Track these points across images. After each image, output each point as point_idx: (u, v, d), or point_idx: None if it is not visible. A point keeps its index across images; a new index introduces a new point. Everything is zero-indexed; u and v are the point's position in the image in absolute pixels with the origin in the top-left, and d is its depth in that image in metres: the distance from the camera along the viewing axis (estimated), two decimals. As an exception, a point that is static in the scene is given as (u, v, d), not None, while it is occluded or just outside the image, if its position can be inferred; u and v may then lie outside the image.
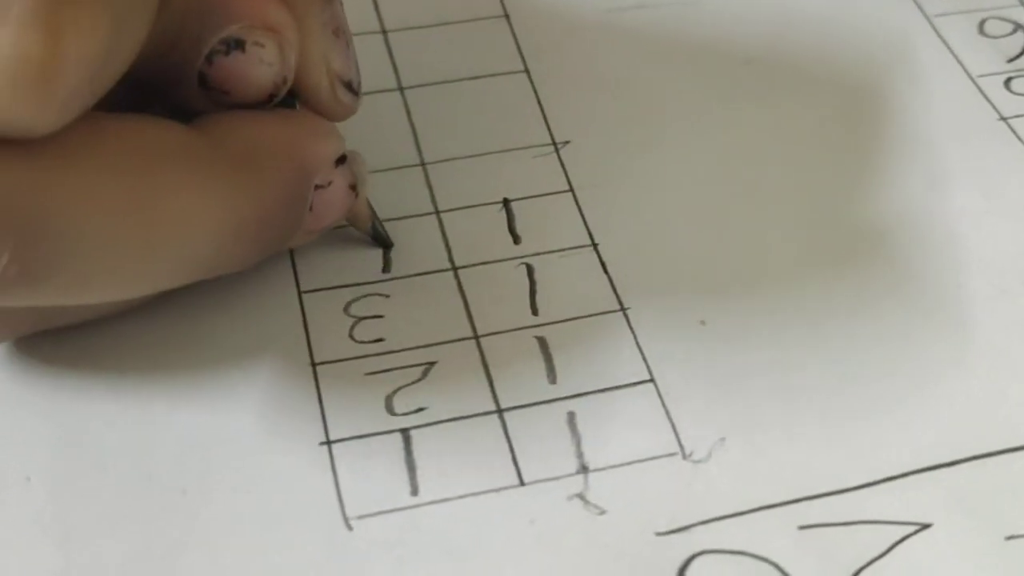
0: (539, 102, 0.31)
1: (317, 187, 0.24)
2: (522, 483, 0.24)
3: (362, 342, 0.26)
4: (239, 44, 0.22)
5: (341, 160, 0.25)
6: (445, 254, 0.27)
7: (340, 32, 0.25)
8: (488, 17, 0.33)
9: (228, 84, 0.23)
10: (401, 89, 0.31)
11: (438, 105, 0.30)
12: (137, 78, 0.21)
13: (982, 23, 0.33)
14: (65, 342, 0.25)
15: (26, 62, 0.18)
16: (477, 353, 0.26)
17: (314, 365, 0.25)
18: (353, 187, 0.25)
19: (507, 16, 0.33)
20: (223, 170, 0.22)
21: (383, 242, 0.27)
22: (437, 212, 0.28)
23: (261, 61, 0.23)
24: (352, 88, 0.25)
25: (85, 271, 0.20)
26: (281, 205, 0.23)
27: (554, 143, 0.30)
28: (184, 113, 0.23)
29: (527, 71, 0.31)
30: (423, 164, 0.29)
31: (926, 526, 0.23)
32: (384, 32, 0.32)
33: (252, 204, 0.22)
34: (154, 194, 0.21)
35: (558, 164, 0.29)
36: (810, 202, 0.29)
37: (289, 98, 0.24)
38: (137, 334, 0.25)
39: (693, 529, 0.23)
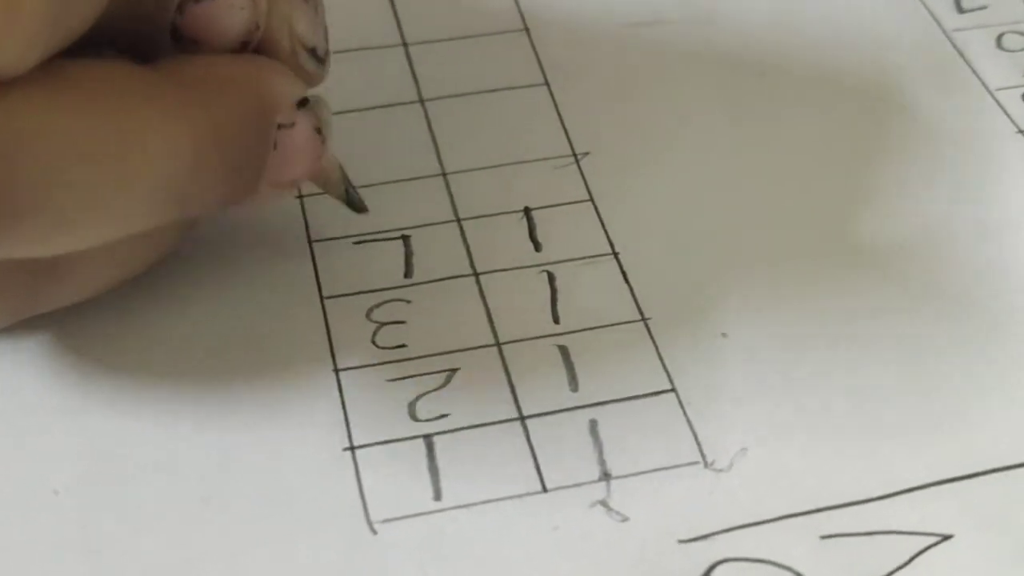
0: (559, 114, 0.31)
1: (281, 127, 0.24)
2: (545, 490, 0.24)
3: (384, 348, 0.26)
4: None
5: (303, 104, 0.24)
6: (466, 260, 0.27)
7: None
8: (508, 31, 0.33)
9: (201, 32, 0.23)
10: (422, 101, 0.31)
11: (459, 117, 0.31)
12: (106, 32, 0.21)
13: (1000, 37, 0.33)
14: (88, 353, 0.25)
15: None
16: (499, 360, 0.26)
17: (337, 371, 0.25)
18: (319, 130, 0.24)
19: (527, 30, 0.33)
20: (183, 102, 0.22)
21: (356, 206, 0.27)
22: (458, 220, 0.28)
23: (232, 6, 0.23)
24: (317, 55, 0.25)
25: (59, 212, 0.20)
26: (245, 136, 0.23)
27: (574, 154, 0.30)
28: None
29: (547, 84, 0.32)
30: (444, 174, 0.29)
31: (947, 537, 0.23)
32: (405, 45, 0.33)
33: (214, 133, 0.22)
34: (120, 129, 0.21)
35: (578, 175, 0.29)
36: (829, 214, 0.29)
37: None
38: (160, 343, 0.26)
39: (715, 537, 0.23)
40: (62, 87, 0.20)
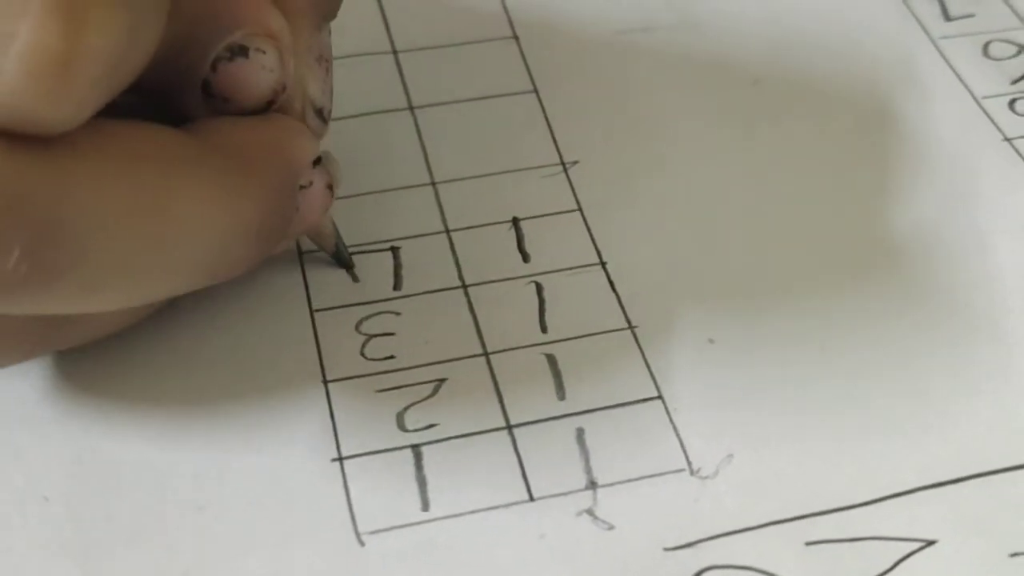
0: (548, 122, 0.31)
1: (300, 187, 0.24)
2: (531, 499, 0.24)
3: (373, 359, 0.26)
4: (243, 50, 0.23)
5: (317, 161, 0.25)
6: (455, 272, 0.27)
7: (323, 60, 0.25)
8: (498, 38, 0.33)
9: (231, 91, 0.23)
10: (412, 109, 0.31)
11: (448, 125, 0.31)
12: (141, 86, 0.21)
13: (986, 45, 0.33)
14: (82, 362, 0.25)
15: (46, 53, 0.18)
16: (487, 370, 0.26)
17: (326, 382, 0.25)
18: (330, 187, 0.25)
19: (516, 38, 0.33)
20: (222, 172, 0.22)
21: (345, 262, 0.27)
22: (447, 231, 0.28)
23: (263, 67, 0.23)
24: (322, 115, 0.25)
25: (94, 273, 0.20)
26: (276, 204, 0.23)
27: (563, 163, 0.30)
28: (177, 122, 0.23)
29: (536, 92, 0.32)
30: (433, 183, 0.29)
31: (931, 543, 0.23)
32: (395, 52, 0.33)
33: (251, 204, 0.23)
34: (162, 195, 0.21)
35: (567, 184, 0.29)
36: (818, 222, 0.29)
37: None
38: (152, 354, 0.26)
39: (701, 545, 0.23)
40: (108, 146, 0.21)
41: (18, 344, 0.23)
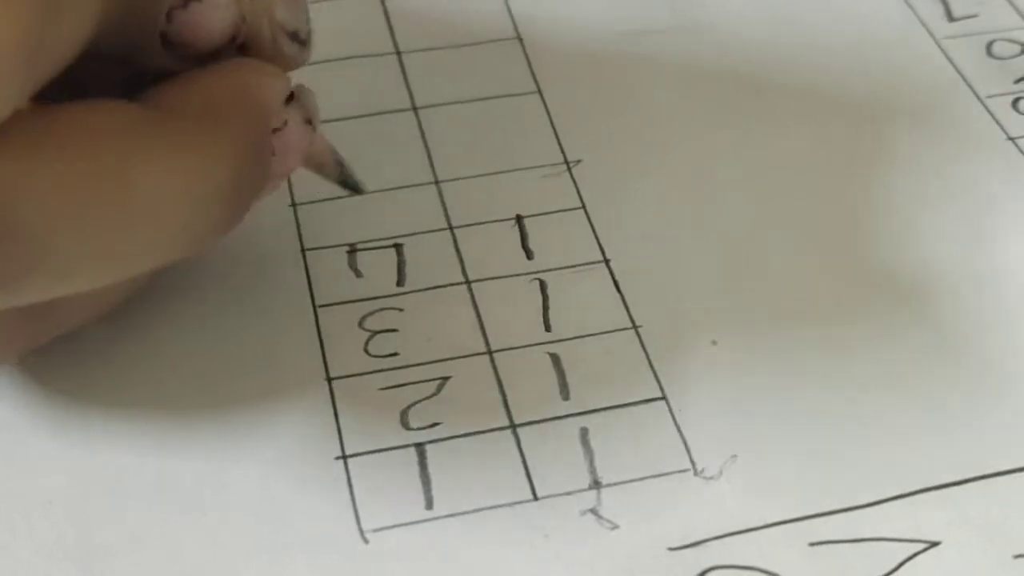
0: (551, 122, 0.31)
1: (274, 130, 0.24)
2: (535, 498, 0.24)
3: (377, 356, 0.26)
4: None
5: (290, 98, 0.24)
6: (459, 268, 0.27)
7: None
8: (501, 39, 0.33)
9: (189, 37, 0.23)
10: (415, 109, 0.31)
11: (452, 125, 0.31)
12: (104, 52, 0.21)
13: (990, 45, 0.33)
14: (83, 365, 0.25)
15: None
16: (491, 368, 0.26)
17: (329, 380, 0.25)
18: (309, 121, 0.24)
19: (520, 38, 0.33)
20: (185, 135, 0.22)
21: (354, 188, 0.27)
22: (451, 228, 0.28)
23: (217, 6, 0.23)
24: (299, 38, 0.24)
25: (64, 261, 0.20)
26: (248, 154, 0.23)
27: (566, 162, 0.30)
28: (152, 79, 0.23)
29: (539, 92, 0.32)
30: (437, 182, 0.29)
31: (934, 544, 0.23)
32: (399, 53, 0.33)
33: (222, 161, 0.22)
34: (124, 173, 0.20)
35: (570, 183, 0.29)
36: (820, 222, 0.29)
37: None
38: (153, 354, 0.26)
39: (704, 545, 0.23)
40: (58, 132, 0.20)
41: (10, 340, 0.23)
